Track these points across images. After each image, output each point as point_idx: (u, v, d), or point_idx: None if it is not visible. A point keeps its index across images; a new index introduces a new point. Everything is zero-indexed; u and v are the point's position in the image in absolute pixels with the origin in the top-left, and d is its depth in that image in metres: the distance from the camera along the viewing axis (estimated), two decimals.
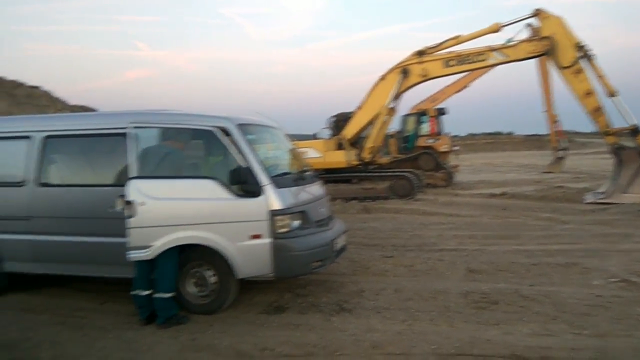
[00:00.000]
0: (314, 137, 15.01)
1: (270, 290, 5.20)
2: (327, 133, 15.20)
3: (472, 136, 64.36)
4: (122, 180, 4.71)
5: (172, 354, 3.81)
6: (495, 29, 12.63)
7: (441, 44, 13.26)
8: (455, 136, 21.71)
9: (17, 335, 4.23)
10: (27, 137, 5.25)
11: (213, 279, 4.66)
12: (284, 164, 5.55)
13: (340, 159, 13.79)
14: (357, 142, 14.10)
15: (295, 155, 5.97)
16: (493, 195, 13.52)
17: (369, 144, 13.87)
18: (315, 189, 5.58)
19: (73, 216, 4.99)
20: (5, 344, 4.00)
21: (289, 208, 4.64)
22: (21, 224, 5.12)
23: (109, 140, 5.01)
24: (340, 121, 14.60)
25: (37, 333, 4.31)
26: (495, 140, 59.25)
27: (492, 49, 12.63)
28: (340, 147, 13.96)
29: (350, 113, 14.28)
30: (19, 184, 5.17)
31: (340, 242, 5.26)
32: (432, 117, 17.30)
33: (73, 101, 22.03)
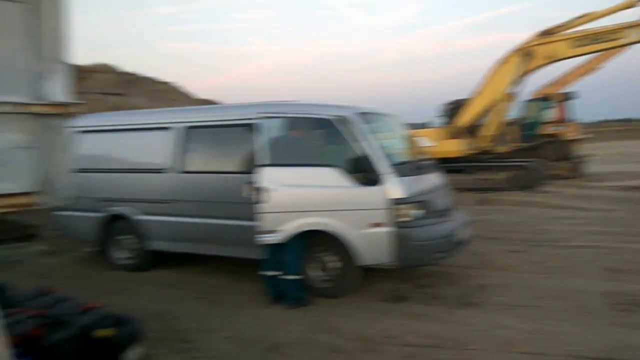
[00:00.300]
0: (423, 125, 14.67)
1: (390, 279, 5.20)
2: (439, 121, 14.79)
3: (603, 123, 58.21)
4: (249, 167, 5.01)
5: (300, 333, 3.98)
6: (630, 5, 11.30)
7: (569, 22, 12.19)
8: (585, 123, 19.64)
9: (163, 307, 4.69)
10: (167, 128, 5.77)
11: (335, 265, 4.78)
12: (403, 152, 5.50)
13: (455, 148, 13.34)
14: (473, 130, 13.51)
15: (414, 144, 5.90)
16: (629, 188, 12.16)
17: (487, 132, 13.22)
18: (435, 179, 5.48)
19: (208, 200, 5.41)
20: (153, 315, 4.44)
21: (409, 197, 4.59)
22: (164, 206, 5.67)
23: (238, 130, 5.32)
24: (455, 108, 14.08)
25: (180, 306, 4.75)
26: (629, 128, 53.09)
27: (629, 26, 11.31)
28: (454, 135, 13.49)
29: (466, 100, 13.71)
30: (161, 171, 5.72)
31: (462, 234, 5.10)
32: (558, 102, 15.97)
33: (198, 95, 23.82)
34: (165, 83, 22.57)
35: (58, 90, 2.68)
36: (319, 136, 5.10)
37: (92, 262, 6.43)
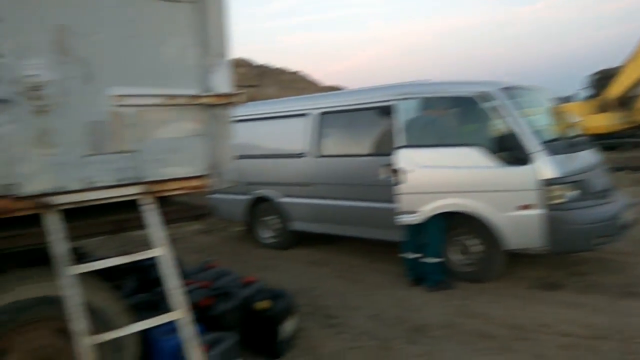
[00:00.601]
0: (567, 99, 13.41)
1: (537, 266, 4.88)
2: (584, 94, 13.43)
3: None
4: (383, 149, 5.02)
5: (444, 316, 3.93)
6: None
7: None
8: None
9: (307, 284, 4.95)
10: (304, 115, 6.00)
11: (477, 248, 4.62)
12: (553, 129, 5.08)
13: (604, 122, 12.01)
14: (626, 102, 12.03)
15: (565, 119, 5.41)
16: None
17: None
18: (591, 157, 4.99)
19: (345, 183, 5.54)
20: (298, 290, 4.69)
21: (563, 177, 4.25)
22: (303, 189, 5.93)
23: (374, 113, 5.34)
24: (603, 79, 12.68)
25: (322, 283, 4.97)
26: None
27: None
28: (603, 109, 12.15)
29: (616, 69, 12.24)
30: (299, 155, 5.98)
31: (624, 217, 4.58)
32: None
33: (324, 82, 24.44)
34: (294, 73, 23.52)
35: (222, 82, 2.92)
36: (460, 115, 4.92)
37: (241, 241, 7.01)
